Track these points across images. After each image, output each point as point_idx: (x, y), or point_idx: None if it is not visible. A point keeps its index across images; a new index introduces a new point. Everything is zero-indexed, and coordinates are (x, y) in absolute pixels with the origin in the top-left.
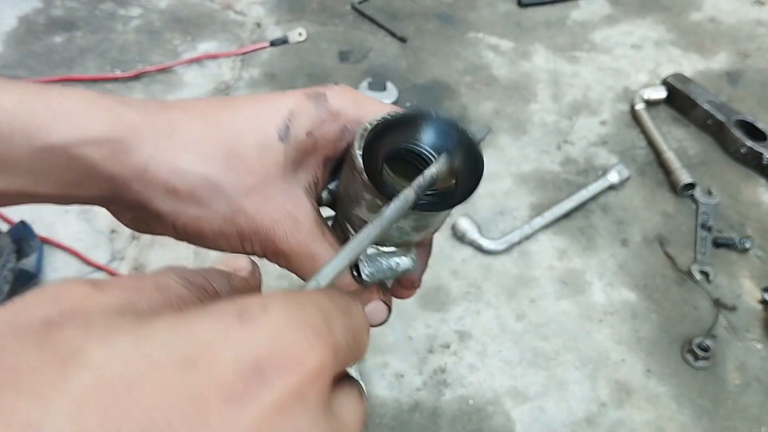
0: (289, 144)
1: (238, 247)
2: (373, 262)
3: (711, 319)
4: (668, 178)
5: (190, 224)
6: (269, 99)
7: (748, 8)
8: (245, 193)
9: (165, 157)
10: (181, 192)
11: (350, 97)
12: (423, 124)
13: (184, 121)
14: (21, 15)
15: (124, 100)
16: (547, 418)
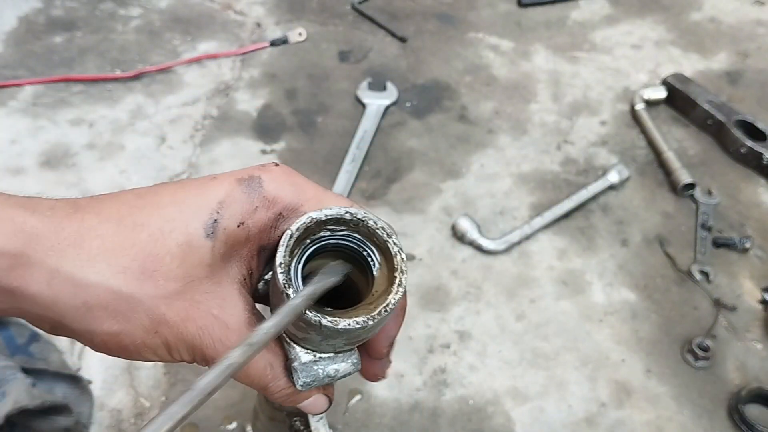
0: (217, 239)
1: (167, 356)
2: (308, 372)
3: (711, 319)
4: (668, 178)
5: (109, 341)
6: (196, 188)
7: (748, 8)
8: (166, 301)
9: (71, 270)
10: (92, 307)
11: (288, 181)
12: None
13: (95, 227)
14: (21, 15)
15: (30, 204)
16: (547, 418)
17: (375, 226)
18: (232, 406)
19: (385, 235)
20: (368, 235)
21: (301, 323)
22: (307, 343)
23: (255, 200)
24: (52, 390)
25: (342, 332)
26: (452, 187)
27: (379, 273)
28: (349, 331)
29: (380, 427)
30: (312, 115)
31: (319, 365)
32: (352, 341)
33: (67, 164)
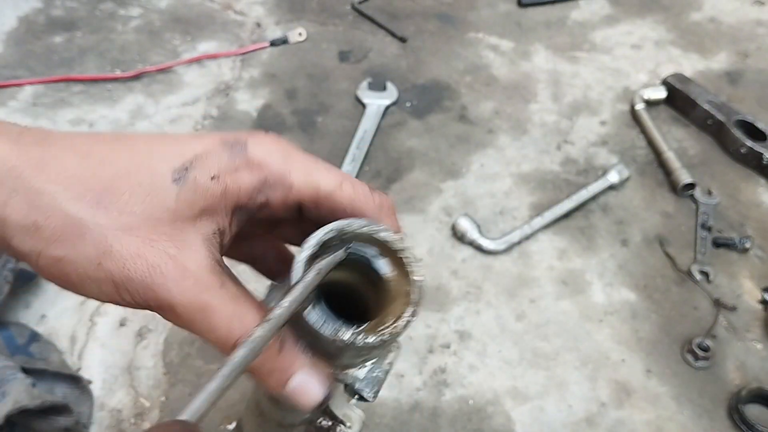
0: (185, 187)
1: (114, 295)
2: (371, 382)
3: (711, 319)
4: (668, 178)
5: (51, 265)
6: (174, 140)
7: (748, 8)
8: (115, 233)
9: (26, 191)
10: (40, 228)
11: (278, 148)
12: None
13: (60, 156)
14: (21, 15)
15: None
16: (547, 418)
17: (396, 251)
18: (232, 406)
19: (409, 264)
20: (385, 249)
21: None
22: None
23: (237, 161)
24: (52, 390)
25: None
26: (452, 187)
27: (393, 281)
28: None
29: (380, 427)
30: (312, 115)
31: (376, 369)
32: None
33: None
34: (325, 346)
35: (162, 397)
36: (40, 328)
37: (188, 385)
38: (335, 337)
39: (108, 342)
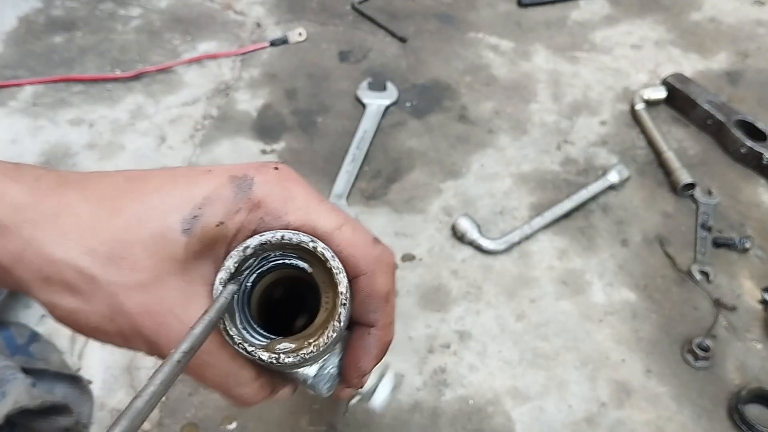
0: (193, 236)
1: (123, 345)
2: (323, 379)
3: (711, 319)
4: (668, 178)
5: (66, 316)
6: (186, 180)
7: (748, 8)
8: (127, 291)
9: (41, 244)
10: (54, 282)
11: (281, 186)
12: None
13: (73, 204)
14: (21, 15)
15: (16, 171)
16: (547, 418)
17: (326, 261)
18: (232, 406)
19: (338, 277)
20: (315, 259)
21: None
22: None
23: (240, 201)
24: (52, 390)
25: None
26: (452, 187)
27: (326, 300)
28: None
29: (380, 427)
30: (312, 115)
31: (327, 366)
32: (330, 347)
33: (67, 164)
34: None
35: (162, 398)
36: (40, 328)
37: (188, 386)
38: (254, 357)
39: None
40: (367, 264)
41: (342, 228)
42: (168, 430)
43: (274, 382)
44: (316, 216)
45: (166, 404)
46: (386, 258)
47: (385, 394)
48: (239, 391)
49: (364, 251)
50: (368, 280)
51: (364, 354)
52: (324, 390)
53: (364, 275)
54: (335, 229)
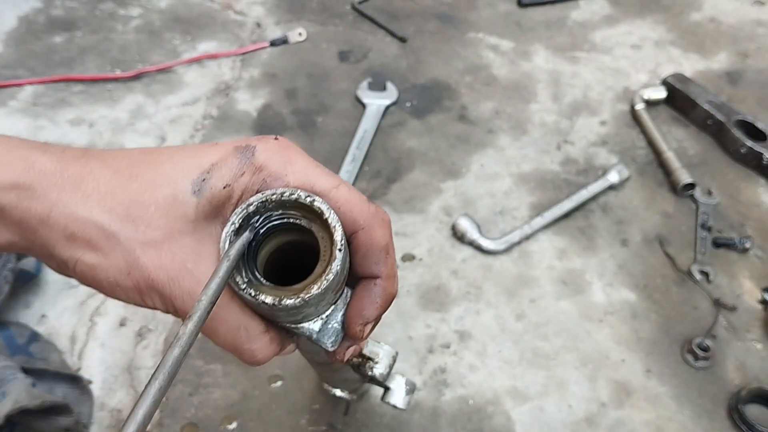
0: (203, 197)
1: (139, 301)
2: (327, 333)
3: (711, 319)
4: (668, 178)
5: (87, 272)
6: (195, 151)
7: (748, 8)
8: (143, 246)
9: (67, 203)
10: (78, 238)
11: (281, 152)
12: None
13: (95, 171)
14: (21, 15)
15: (43, 146)
16: (547, 418)
17: (322, 212)
18: (232, 406)
19: (333, 224)
20: (321, 221)
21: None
22: (306, 318)
23: (244, 166)
24: (52, 390)
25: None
26: (452, 187)
27: (324, 251)
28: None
29: (380, 427)
30: (312, 115)
31: (331, 321)
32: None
33: None
34: (260, 310)
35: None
36: (40, 328)
37: (188, 385)
38: (258, 301)
39: (108, 342)
40: (364, 219)
41: (339, 187)
42: (168, 430)
43: (281, 337)
44: (315, 177)
45: (167, 404)
46: (381, 214)
47: (402, 392)
48: (250, 346)
49: (360, 207)
50: (367, 234)
51: (370, 302)
52: (329, 344)
53: (363, 230)
54: (332, 188)
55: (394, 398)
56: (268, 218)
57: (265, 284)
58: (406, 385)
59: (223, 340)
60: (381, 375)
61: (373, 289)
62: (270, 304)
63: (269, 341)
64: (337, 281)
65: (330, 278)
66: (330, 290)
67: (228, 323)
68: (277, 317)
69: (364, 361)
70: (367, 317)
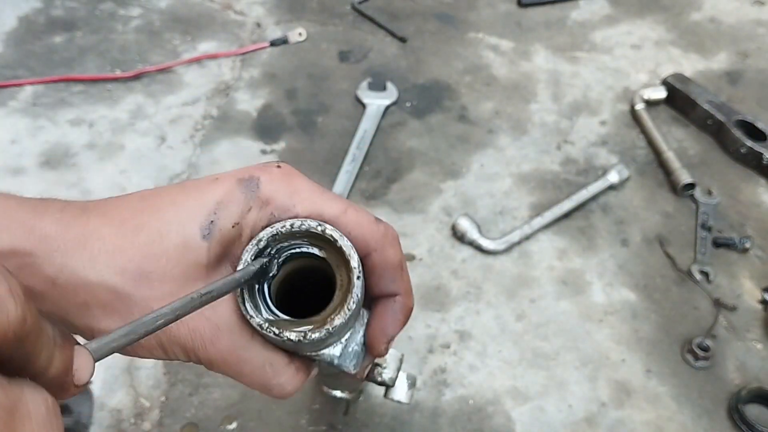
0: (213, 240)
1: (163, 356)
2: (348, 356)
3: (711, 319)
4: (668, 178)
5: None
6: (197, 190)
7: (748, 8)
8: (160, 303)
9: (74, 269)
10: (91, 306)
11: (285, 182)
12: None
13: (99, 229)
14: (21, 15)
15: (42, 207)
16: (547, 418)
17: (335, 241)
18: (232, 406)
19: (348, 252)
20: (335, 249)
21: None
22: (327, 345)
23: (250, 201)
24: None
25: (292, 343)
26: (452, 187)
27: (341, 279)
28: (312, 342)
29: (380, 427)
30: (312, 115)
31: (350, 344)
32: (350, 324)
33: (67, 164)
34: (284, 346)
35: (162, 397)
36: None
37: (188, 385)
38: (283, 338)
39: None
40: (375, 240)
41: (347, 211)
42: (168, 430)
43: (306, 365)
44: (322, 204)
45: (166, 404)
46: (391, 232)
47: (404, 387)
48: (278, 380)
49: (371, 229)
50: (380, 255)
51: (393, 320)
52: (351, 367)
53: (375, 251)
54: (341, 213)
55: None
56: (279, 251)
57: (284, 319)
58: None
59: (250, 380)
60: (390, 379)
61: (393, 306)
62: (295, 341)
63: (295, 372)
64: (358, 308)
65: (352, 307)
66: (352, 318)
67: (253, 363)
68: (300, 350)
69: (372, 367)
70: (391, 334)
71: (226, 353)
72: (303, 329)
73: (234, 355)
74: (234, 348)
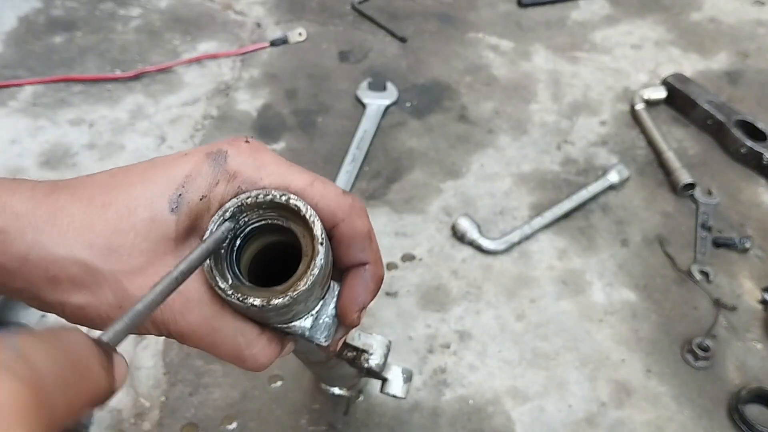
0: (181, 213)
1: (134, 331)
2: (319, 328)
3: (711, 319)
4: (668, 178)
5: (77, 313)
6: (165, 165)
7: (748, 8)
8: (129, 277)
9: (44, 245)
10: (62, 281)
11: (253, 157)
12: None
13: (67, 206)
14: (21, 15)
15: (13, 186)
16: (547, 418)
17: (299, 209)
18: (232, 406)
19: (311, 220)
20: (299, 218)
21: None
22: (296, 315)
23: (218, 174)
24: None
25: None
26: (452, 187)
27: (306, 248)
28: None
29: (380, 427)
30: (312, 115)
31: (321, 316)
32: (317, 294)
33: (67, 164)
34: (250, 314)
35: (162, 397)
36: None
37: (188, 385)
38: (247, 305)
39: None
40: (343, 211)
41: (314, 184)
42: (168, 430)
43: (279, 337)
44: (289, 177)
45: (166, 404)
46: (358, 204)
47: (400, 381)
48: (251, 351)
49: (337, 201)
50: (348, 225)
51: (364, 288)
52: (322, 339)
53: (343, 221)
54: (307, 185)
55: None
56: (246, 222)
57: (250, 287)
58: (403, 373)
59: (223, 351)
60: (377, 365)
61: (363, 275)
62: (259, 306)
63: (268, 342)
64: (322, 275)
65: (315, 273)
66: (317, 285)
67: (224, 333)
68: (268, 319)
69: (358, 354)
70: (363, 303)
71: (196, 325)
72: (267, 296)
73: (205, 326)
74: (204, 319)
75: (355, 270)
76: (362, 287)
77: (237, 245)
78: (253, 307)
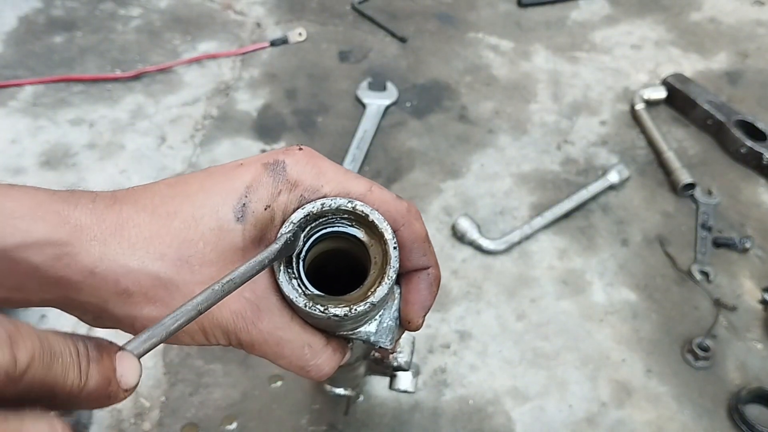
0: (247, 223)
1: (203, 341)
2: (384, 332)
3: (711, 319)
4: (668, 178)
5: (149, 326)
6: (224, 175)
7: (748, 8)
8: (201, 287)
9: (114, 257)
10: (133, 293)
11: (311, 164)
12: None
13: (132, 217)
14: (21, 15)
15: (73, 197)
16: (547, 417)
17: (367, 216)
18: (233, 406)
19: (382, 225)
20: (366, 224)
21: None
22: (362, 321)
23: (279, 184)
24: None
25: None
26: (452, 187)
27: (375, 254)
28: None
29: (380, 427)
30: (312, 115)
31: (384, 320)
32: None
33: (67, 164)
34: (324, 324)
35: (162, 397)
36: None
37: (189, 385)
38: (328, 314)
39: None
40: (402, 216)
41: (372, 189)
42: (168, 429)
43: (342, 345)
44: (348, 183)
45: (167, 404)
46: (414, 208)
47: (409, 376)
48: (316, 361)
49: (396, 206)
50: (408, 230)
51: (428, 293)
52: (387, 342)
53: (403, 226)
54: (367, 191)
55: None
56: (310, 231)
57: (323, 297)
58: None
59: (288, 362)
60: (406, 363)
61: (426, 279)
62: (341, 316)
63: (332, 352)
64: (394, 282)
65: (393, 276)
66: (392, 289)
67: (292, 344)
68: (341, 328)
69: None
70: (428, 306)
71: (267, 334)
72: (349, 305)
73: (274, 336)
74: (275, 329)
75: (417, 274)
76: (427, 291)
77: (301, 254)
78: (335, 317)
